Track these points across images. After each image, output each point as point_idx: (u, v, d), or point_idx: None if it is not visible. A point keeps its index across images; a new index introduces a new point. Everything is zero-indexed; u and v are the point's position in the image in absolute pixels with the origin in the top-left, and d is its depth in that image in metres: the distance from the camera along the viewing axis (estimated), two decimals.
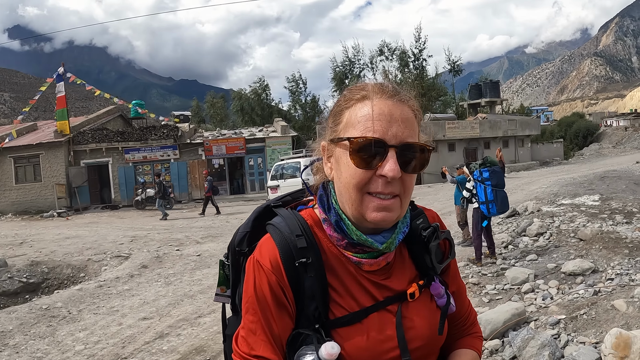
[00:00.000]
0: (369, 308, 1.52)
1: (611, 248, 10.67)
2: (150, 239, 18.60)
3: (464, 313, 1.82)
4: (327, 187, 1.61)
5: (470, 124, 46.77)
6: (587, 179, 22.71)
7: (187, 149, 39.26)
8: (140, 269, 14.07)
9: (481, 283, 10.11)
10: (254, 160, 40.21)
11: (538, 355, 6.02)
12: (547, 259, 11.00)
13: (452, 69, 65.99)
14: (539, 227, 13.22)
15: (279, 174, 27.01)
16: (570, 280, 9.43)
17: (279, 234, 1.52)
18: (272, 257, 1.48)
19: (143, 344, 8.49)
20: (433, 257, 1.62)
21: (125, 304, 10.81)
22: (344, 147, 1.45)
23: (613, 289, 8.03)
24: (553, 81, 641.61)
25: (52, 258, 15.79)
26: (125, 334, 8.95)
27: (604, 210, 14.40)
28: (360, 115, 1.45)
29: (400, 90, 1.52)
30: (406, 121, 1.46)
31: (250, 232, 1.66)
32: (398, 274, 1.60)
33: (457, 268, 1.82)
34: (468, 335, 1.82)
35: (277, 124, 43.30)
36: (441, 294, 1.63)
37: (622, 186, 20.17)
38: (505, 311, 7.28)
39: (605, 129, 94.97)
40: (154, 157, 38.48)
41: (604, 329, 6.25)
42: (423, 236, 1.63)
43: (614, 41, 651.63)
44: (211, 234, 19.33)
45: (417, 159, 1.46)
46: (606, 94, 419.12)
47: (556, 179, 25.91)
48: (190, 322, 9.52)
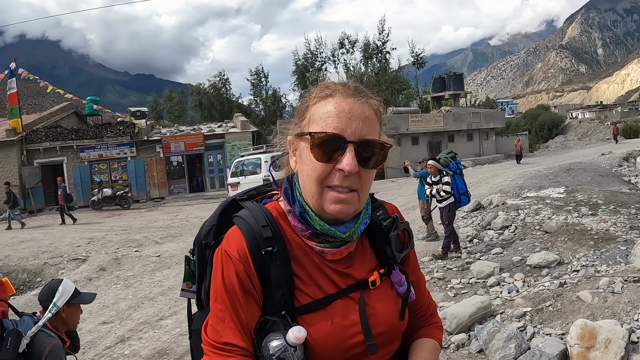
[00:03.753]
0: (333, 295, 1.60)
1: (576, 240, 10.89)
2: (108, 241, 18.37)
3: (423, 303, 1.91)
4: (292, 180, 1.69)
5: (434, 117, 47.05)
6: (553, 172, 23.07)
7: (145, 146, 38.65)
8: (98, 271, 13.93)
9: (446, 277, 10.24)
10: (213, 157, 39.81)
11: (504, 347, 6.13)
12: (512, 252, 11.19)
13: (416, 62, 66.37)
14: (504, 220, 13.42)
15: (239, 170, 26.78)
16: (535, 272, 9.61)
17: (245, 225, 1.59)
18: (239, 246, 1.55)
19: (104, 349, 8.45)
20: (393, 246, 1.72)
21: (84, 308, 10.68)
22: (306, 142, 1.55)
23: (578, 280, 8.21)
24: (518, 73, 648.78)
25: (7, 263, 15.58)
26: (85, 339, 8.84)
27: (569, 202, 14.67)
28: (323, 112, 1.54)
29: (362, 90, 1.61)
30: (366, 119, 1.55)
31: (217, 225, 1.74)
32: (360, 262, 1.69)
33: (416, 259, 1.92)
34: (428, 325, 1.90)
35: (237, 119, 43.00)
36: (402, 282, 1.73)
37: (588, 178, 20.55)
38: (470, 305, 7.39)
39: (570, 121, 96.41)
40: (110, 155, 37.69)
41: (570, 320, 6.39)
42: (383, 226, 1.73)
43: (580, 33, 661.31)
44: (170, 234, 19.18)
45: (376, 155, 1.56)
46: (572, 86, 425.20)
47: (521, 171, 26.27)
48: (151, 324, 9.48)
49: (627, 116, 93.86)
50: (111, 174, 37.69)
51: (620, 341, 5.42)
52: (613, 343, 5.42)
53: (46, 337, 3.41)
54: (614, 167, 26.69)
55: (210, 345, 1.53)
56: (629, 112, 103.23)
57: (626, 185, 20.08)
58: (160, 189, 38.01)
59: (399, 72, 65.06)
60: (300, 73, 63.36)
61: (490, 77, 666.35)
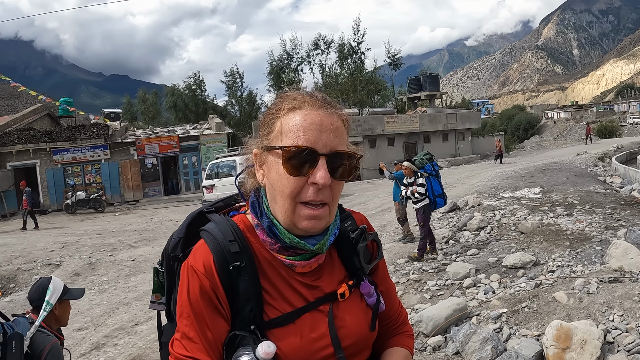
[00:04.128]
0: (301, 309, 1.59)
1: (552, 240, 10.97)
2: (82, 245, 18.19)
3: (394, 312, 1.91)
4: (258, 193, 1.67)
5: (410, 117, 47.24)
6: (528, 172, 23.24)
7: (119, 148, 38.41)
8: (72, 277, 13.80)
9: (422, 279, 10.26)
10: (188, 159, 39.69)
11: (481, 349, 6.15)
12: (488, 253, 11.24)
13: (392, 62, 66.60)
14: (480, 221, 13.49)
15: (215, 172, 26.64)
16: (511, 273, 9.67)
17: (212, 239, 1.58)
18: (205, 261, 1.54)
19: (79, 356, 8.37)
20: (361, 257, 1.71)
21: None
22: (276, 156, 1.53)
23: (554, 281, 8.25)
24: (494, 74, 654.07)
25: None
26: None
27: (544, 202, 14.78)
28: (292, 125, 1.52)
29: (330, 101, 1.61)
30: (336, 130, 1.55)
31: (184, 238, 1.72)
32: (328, 275, 1.69)
33: (386, 269, 1.91)
34: (399, 334, 1.91)
35: (212, 120, 42.89)
36: (371, 293, 1.73)
37: (563, 178, 20.72)
38: (446, 307, 7.41)
39: (546, 122, 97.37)
40: (83, 158, 37.42)
41: (546, 321, 6.42)
42: (351, 238, 1.72)
43: (556, 34, 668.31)
44: (145, 238, 19.07)
45: (346, 166, 1.56)
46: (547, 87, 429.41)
47: (497, 172, 26.42)
48: (126, 330, 9.41)
49: (602, 116, 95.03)
50: (85, 177, 37.46)
51: (596, 342, 5.45)
52: (589, 344, 5.45)
53: (44, 336, 3.49)
54: (590, 167, 26.96)
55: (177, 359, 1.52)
56: (604, 112, 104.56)
57: (601, 185, 20.29)
58: (135, 191, 37.82)
59: (375, 73, 65.29)
60: (276, 74, 63.33)
61: (466, 78, 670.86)
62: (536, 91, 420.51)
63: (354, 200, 24.20)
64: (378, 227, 15.98)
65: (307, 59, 65.17)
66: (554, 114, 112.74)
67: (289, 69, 64.07)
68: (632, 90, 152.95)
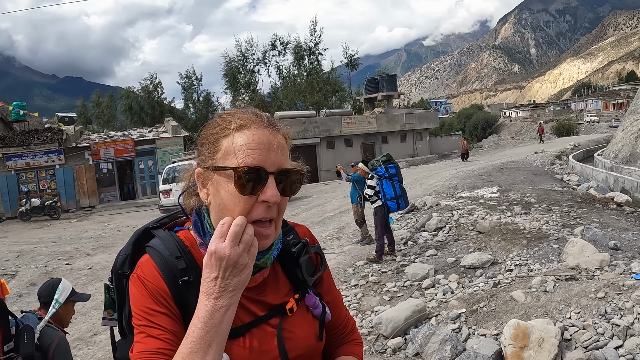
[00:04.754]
0: (251, 323, 1.63)
1: (510, 239, 11.11)
2: (38, 254, 17.82)
3: (341, 322, 1.95)
4: (200, 212, 1.68)
5: (367, 118, 47.50)
6: (486, 171, 23.54)
7: (73, 153, 37.60)
8: (28, 287, 13.50)
9: (381, 281, 10.31)
10: (144, 163, 39.17)
11: (440, 350, 6.21)
12: (446, 254, 11.34)
13: (349, 63, 66.90)
14: (438, 222, 13.60)
15: (171, 177, 26.37)
16: (470, 273, 9.77)
17: (158, 255, 1.61)
18: (153, 274, 1.57)
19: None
20: (304, 271, 1.76)
21: None
22: (225, 176, 1.54)
23: (512, 280, 8.37)
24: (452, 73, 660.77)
25: None
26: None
27: (502, 201, 14.97)
28: (240, 144, 1.54)
29: (273, 120, 1.65)
30: (281, 148, 1.59)
31: (132, 255, 1.74)
32: (273, 288, 1.72)
33: (331, 279, 1.95)
34: (348, 343, 1.95)
35: (168, 123, 42.49)
36: (316, 304, 1.77)
37: (521, 177, 21.03)
38: (405, 308, 7.46)
39: (504, 120, 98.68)
40: (37, 163, 36.52)
41: (504, 320, 6.51)
42: (293, 252, 1.77)
43: (513, 33, 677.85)
44: (102, 245, 18.80)
45: (292, 182, 1.60)
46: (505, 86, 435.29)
47: (455, 171, 26.69)
48: (85, 341, 9.28)
49: (559, 114, 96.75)
50: (39, 183, 36.70)
51: (553, 339, 5.54)
52: (546, 342, 5.54)
53: (52, 330, 3.93)
54: (547, 165, 27.43)
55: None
56: (561, 111, 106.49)
57: (559, 183, 20.64)
58: (90, 197, 37.24)
59: (332, 73, 65.51)
60: (232, 76, 63.13)
61: (424, 78, 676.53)
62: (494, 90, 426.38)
63: (312, 203, 24.23)
64: (336, 229, 16.03)
65: (263, 60, 65.14)
66: (512, 112, 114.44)
67: (245, 71, 63.94)
68: (589, 89, 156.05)
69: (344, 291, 10.01)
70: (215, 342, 1.37)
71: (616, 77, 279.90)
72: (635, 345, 5.48)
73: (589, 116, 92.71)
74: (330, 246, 14.17)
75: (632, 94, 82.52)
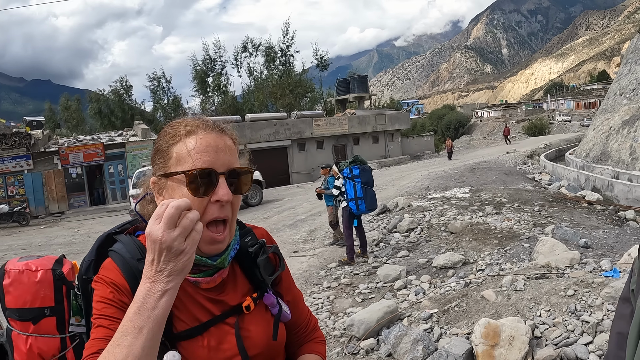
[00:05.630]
0: (208, 322, 1.68)
1: (481, 239, 11.24)
2: None
3: (302, 320, 2.01)
4: None
5: (339, 120, 47.57)
6: (458, 172, 23.70)
7: (42, 158, 37.01)
8: None
9: (354, 283, 10.36)
10: (114, 167, 38.61)
11: (412, 350, 6.26)
12: (418, 254, 11.43)
13: (320, 64, 66.96)
14: (410, 223, 13.68)
15: (142, 181, 26.31)
16: (441, 273, 9.86)
17: (120, 258, 1.66)
18: (115, 276, 1.61)
19: None
20: (262, 270, 1.81)
21: None
22: (177, 181, 1.60)
23: (483, 279, 8.49)
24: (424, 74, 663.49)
25: None
26: None
27: (474, 202, 15.12)
28: (190, 149, 1.60)
29: (220, 123, 1.71)
30: (229, 149, 1.66)
31: (95, 260, 1.79)
32: (232, 289, 1.77)
33: (290, 278, 2.01)
34: (310, 341, 2.02)
35: (138, 127, 42.07)
36: (274, 304, 1.83)
37: (493, 177, 21.23)
38: (377, 310, 7.51)
39: (476, 121, 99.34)
40: (5, 169, 35.93)
41: (475, 319, 6.59)
42: (250, 252, 1.82)
43: (485, 33, 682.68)
44: (72, 251, 18.58)
45: (243, 181, 1.67)
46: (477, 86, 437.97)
47: (427, 172, 26.81)
48: None
49: (531, 114, 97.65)
50: (7, 189, 36.16)
51: (524, 337, 5.63)
52: (517, 339, 5.63)
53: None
54: (518, 165, 27.70)
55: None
56: (533, 110, 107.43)
57: (530, 182, 20.87)
58: (60, 203, 36.73)
59: (303, 75, 65.57)
60: (200, 78, 62.94)
61: (396, 78, 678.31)
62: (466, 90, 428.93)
63: (283, 205, 24.26)
64: (308, 232, 16.05)
65: (234, 62, 65.02)
66: (484, 112, 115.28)
67: (214, 73, 63.78)
68: (561, 89, 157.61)
69: (316, 293, 10.05)
70: (147, 327, 1.35)
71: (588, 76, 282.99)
72: (604, 341, 5.59)
73: (561, 115, 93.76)
74: (302, 249, 14.21)
75: (603, 93, 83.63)
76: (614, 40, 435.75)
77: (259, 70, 65.81)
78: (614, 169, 20.72)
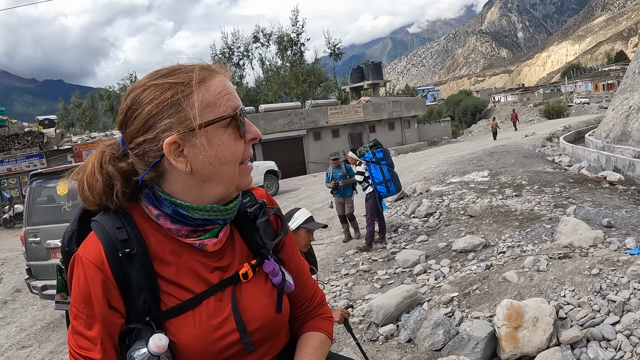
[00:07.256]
0: (202, 294, 1.53)
1: (501, 222, 11.10)
2: (23, 260, 17.75)
3: (307, 293, 1.85)
4: (150, 184, 1.56)
5: (354, 108, 47.50)
6: (476, 156, 23.53)
7: (55, 156, 37.10)
8: (13, 293, 13.45)
9: (372, 269, 10.29)
10: None
11: (433, 334, 6.16)
12: (437, 239, 11.33)
13: (333, 53, 66.93)
14: (428, 207, 13.57)
15: None
16: (462, 257, 9.75)
17: (101, 228, 1.51)
18: (95, 251, 1.47)
19: None
20: (262, 234, 1.66)
21: (1, 334, 10.31)
22: (214, 129, 1.47)
23: (505, 261, 8.35)
24: (439, 60, 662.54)
25: None
26: None
27: (493, 185, 14.97)
28: (218, 92, 1.49)
29: (222, 64, 1.64)
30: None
31: (78, 230, 1.63)
32: (229, 255, 1.63)
33: (294, 245, 1.85)
34: (315, 317, 1.86)
35: None
36: (275, 272, 1.67)
37: (512, 160, 21.05)
38: (396, 295, 7.42)
39: (493, 105, 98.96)
40: (19, 168, 36.04)
41: (497, 301, 6.47)
42: (249, 213, 1.68)
43: (499, 17, 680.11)
44: None
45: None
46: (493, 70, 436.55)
47: (445, 158, 26.67)
48: None
49: (549, 97, 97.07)
50: (22, 189, 36.39)
51: (548, 318, 5.50)
52: (541, 321, 5.50)
53: None
54: (538, 147, 27.48)
55: (71, 354, 1.47)
56: (551, 94, 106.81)
57: (550, 164, 20.67)
58: None
59: (316, 64, 65.51)
60: None
61: (410, 65, 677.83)
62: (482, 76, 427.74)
63: (300, 195, 24.19)
64: (325, 220, 15.95)
65: (246, 53, 65.16)
66: (501, 97, 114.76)
67: (231, 64, 63.93)
68: (578, 71, 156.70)
69: (334, 281, 10.00)
70: None
71: (605, 57, 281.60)
72: (632, 321, 5.45)
73: (579, 98, 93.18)
74: (320, 237, 14.12)
75: (621, 74, 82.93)
76: (631, 21, 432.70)
77: (271, 60, 65.89)
78: (635, 148, 20.46)
